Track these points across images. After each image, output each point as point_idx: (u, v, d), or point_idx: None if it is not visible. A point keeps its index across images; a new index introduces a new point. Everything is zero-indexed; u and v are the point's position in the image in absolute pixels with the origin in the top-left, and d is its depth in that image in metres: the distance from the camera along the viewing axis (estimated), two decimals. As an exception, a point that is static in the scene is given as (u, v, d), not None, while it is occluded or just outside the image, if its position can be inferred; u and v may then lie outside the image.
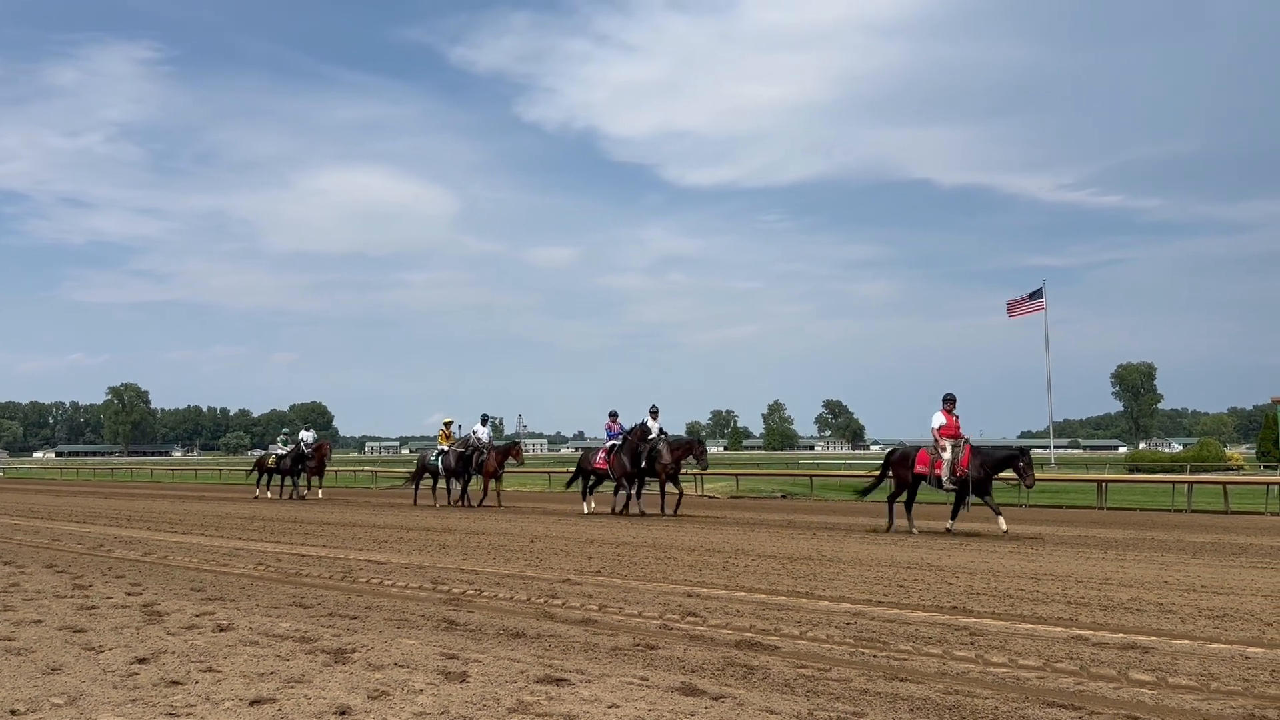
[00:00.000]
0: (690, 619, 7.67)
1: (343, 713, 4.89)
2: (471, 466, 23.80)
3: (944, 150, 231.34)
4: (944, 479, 15.58)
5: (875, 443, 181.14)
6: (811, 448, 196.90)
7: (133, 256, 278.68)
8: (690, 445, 20.22)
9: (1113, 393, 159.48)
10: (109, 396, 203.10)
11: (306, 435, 29.29)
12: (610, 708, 4.98)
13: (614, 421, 21.27)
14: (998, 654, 6.38)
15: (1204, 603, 8.42)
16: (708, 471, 23.52)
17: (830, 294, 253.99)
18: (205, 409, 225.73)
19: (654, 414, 20.53)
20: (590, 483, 21.70)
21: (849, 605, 8.36)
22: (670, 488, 20.13)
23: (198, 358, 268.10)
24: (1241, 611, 7.95)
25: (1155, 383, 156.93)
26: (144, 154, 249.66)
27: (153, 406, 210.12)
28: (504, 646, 6.60)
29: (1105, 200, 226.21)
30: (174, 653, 6.32)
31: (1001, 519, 15.12)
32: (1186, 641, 6.78)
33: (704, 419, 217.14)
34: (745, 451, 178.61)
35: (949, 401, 16.13)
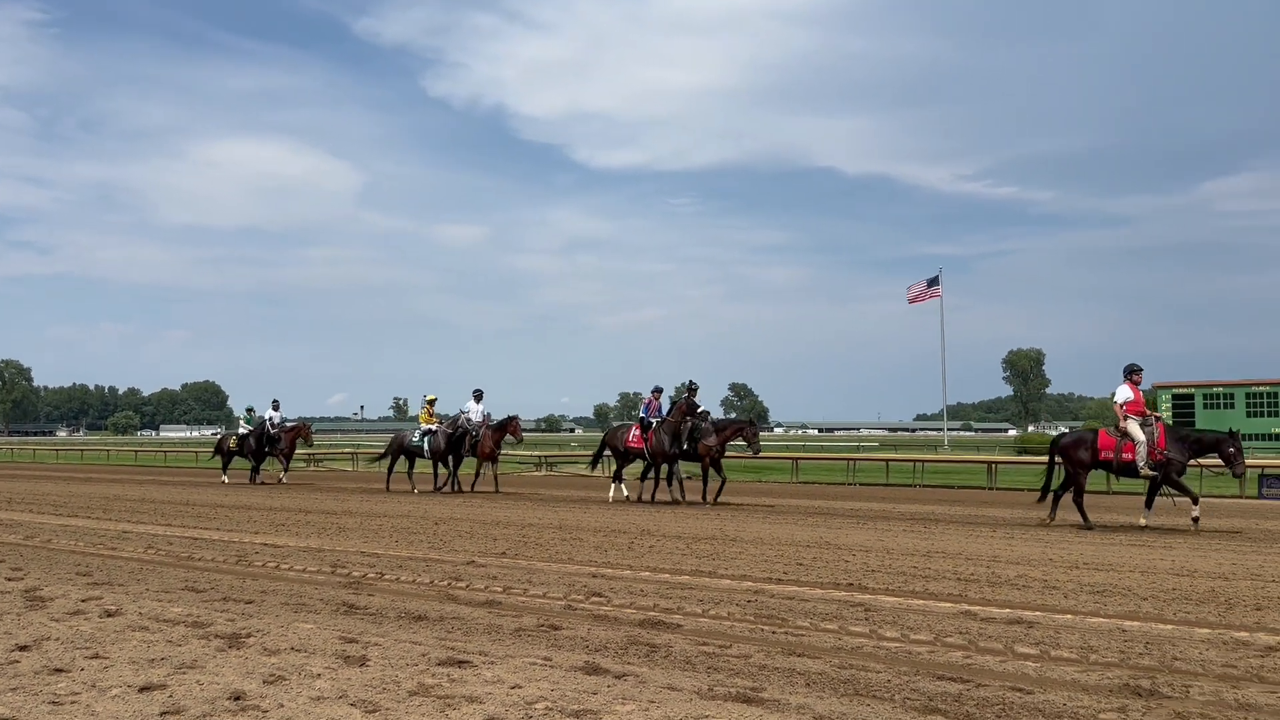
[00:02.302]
0: (595, 599, 7.71)
1: (237, 698, 4.79)
2: (464, 448, 21.61)
3: (848, 139, 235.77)
4: (1140, 464, 13.52)
5: (779, 425, 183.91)
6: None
7: (13, 227, 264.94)
8: (740, 426, 18.24)
9: (1004, 377, 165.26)
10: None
11: (273, 414, 26.14)
12: (513, 688, 4.98)
13: (657, 398, 19.03)
14: (891, 629, 6.57)
15: (1085, 579, 8.82)
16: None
17: (737, 278, 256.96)
18: (92, 387, 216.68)
19: (692, 390, 18.69)
20: (620, 464, 19.72)
21: (750, 583, 8.51)
22: (712, 474, 18.21)
23: (84, 334, 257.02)
24: (1120, 587, 8.35)
25: (1044, 368, 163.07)
26: (27, 120, 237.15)
27: (35, 384, 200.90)
28: (405, 630, 6.53)
29: (1000, 192, 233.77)
30: (58, 639, 6.09)
31: (1197, 507, 13.41)
32: (1068, 616, 7.09)
33: (613, 401, 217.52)
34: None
35: (1136, 373, 13.99)
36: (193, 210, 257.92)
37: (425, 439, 22.07)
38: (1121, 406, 13.76)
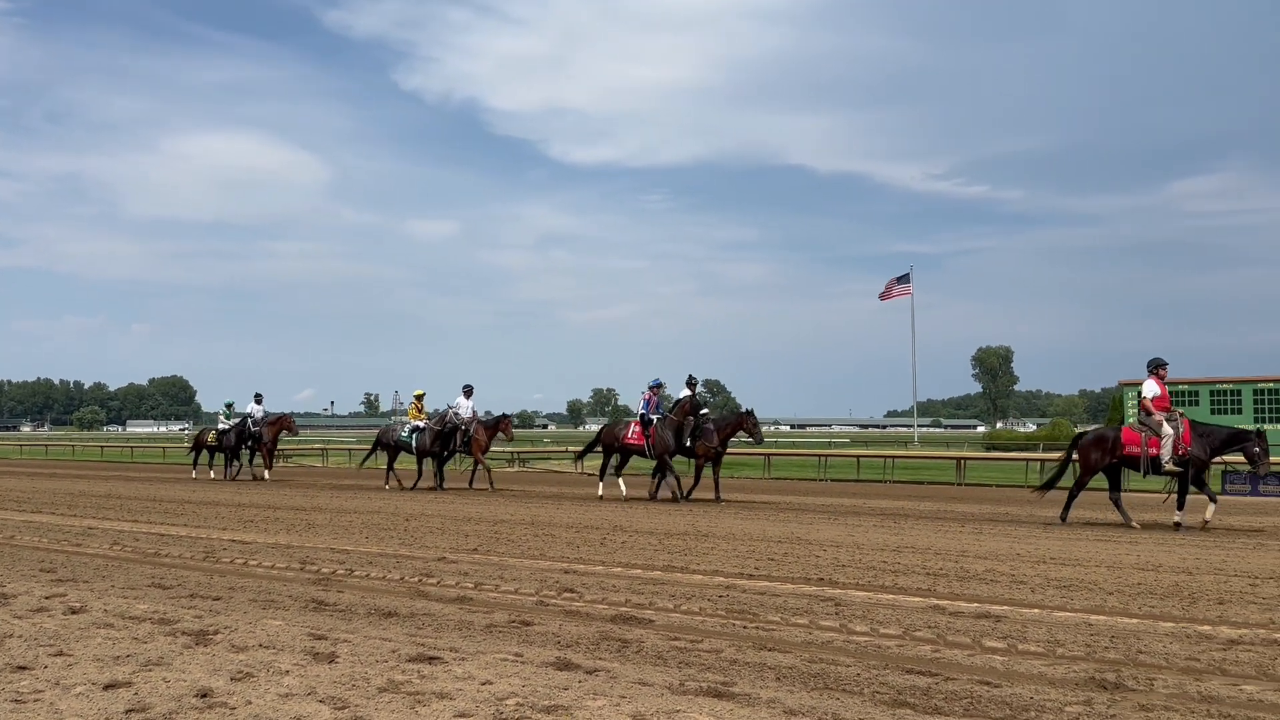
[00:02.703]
0: (567, 595, 7.70)
1: (204, 695, 4.74)
2: (454, 445, 21.14)
3: (820, 137, 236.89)
4: (1165, 460, 13.14)
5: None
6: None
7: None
8: (740, 420, 17.85)
9: (973, 374, 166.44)
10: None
11: (255, 408, 25.19)
12: (484, 684, 4.97)
13: (655, 393, 18.50)
14: (861, 623, 6.61)
15: (1052, 574, 8.91)
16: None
17: (709, 275, 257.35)
18: (57, 382, 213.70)
19: (691, 385, 18.09)
20: (617, 461, 19.03)
21: (722, 579, 8.54)
22: (708, 471, 17.86)
23: (49, 328, 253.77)
24: (1086, 582, 8.45)
25: (1012, 365, 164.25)
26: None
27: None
28: (375, 626, 6.50)
29: (970, 191, 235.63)
30: (20, 636, 6.00)
31: (1212, 507, 13.09)
32: (1036, 610, 7.16)
33: (585, 397, 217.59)
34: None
35: (1161, 367, 13.66)
36: (161, 203, 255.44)
37: (413, 435, 21.57)
38: (1149, 400, 13.44)
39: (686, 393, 17.97)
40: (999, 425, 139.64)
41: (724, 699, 4.76)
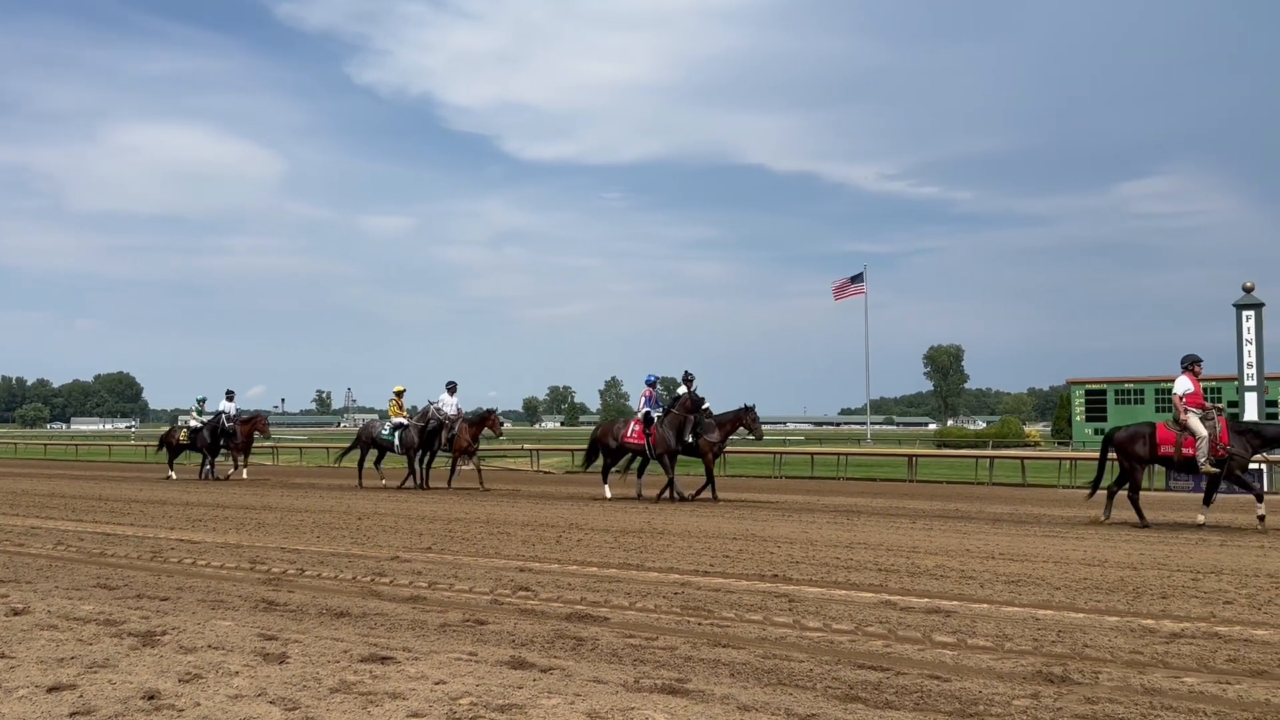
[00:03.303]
0: (522, 593, 7.68)
1: (151, 697, 4.66)
2: (438, 443, 20.49)
3: (776, 137, 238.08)
4: (1201, 460, 12.79)
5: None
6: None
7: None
8: (739, 416, 17.42)
9: (924, 373, 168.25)
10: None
11: (227, 406, 24.46)
12: (437, 684, 4.94)
13: (652, 390, 18.25)
14: (813, 619, 6.67)
15: (1001, 569, 9.05)
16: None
17: (666, 273, 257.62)
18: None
19: (688, 381, 17.72)
20: (612, 460, 18.64)
21: (677, 576, 8.56)
22: (707, 469, 17.64)
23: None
24: (1034, 577, 8.60)
25: (963, 364, 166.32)
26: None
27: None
28: (327, 626, 6.43)
29: (923, 191, 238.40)
30: (-41, 640, 5.86)
31: (1261, 505, 12.81)
32: (985, 605, 7.27)
33: (541, 394, 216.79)
34: (583, 427, 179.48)
35: (1195, 364, 13.25)
36: (108, 196, 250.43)
37: (396, 433, 20.98)
38: (1181, 399, 13.06)
39: (684, 389, 17.63)
40: (949, 423, 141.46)
41: (678, 695, 4.78)
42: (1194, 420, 12.85)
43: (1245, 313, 21.99)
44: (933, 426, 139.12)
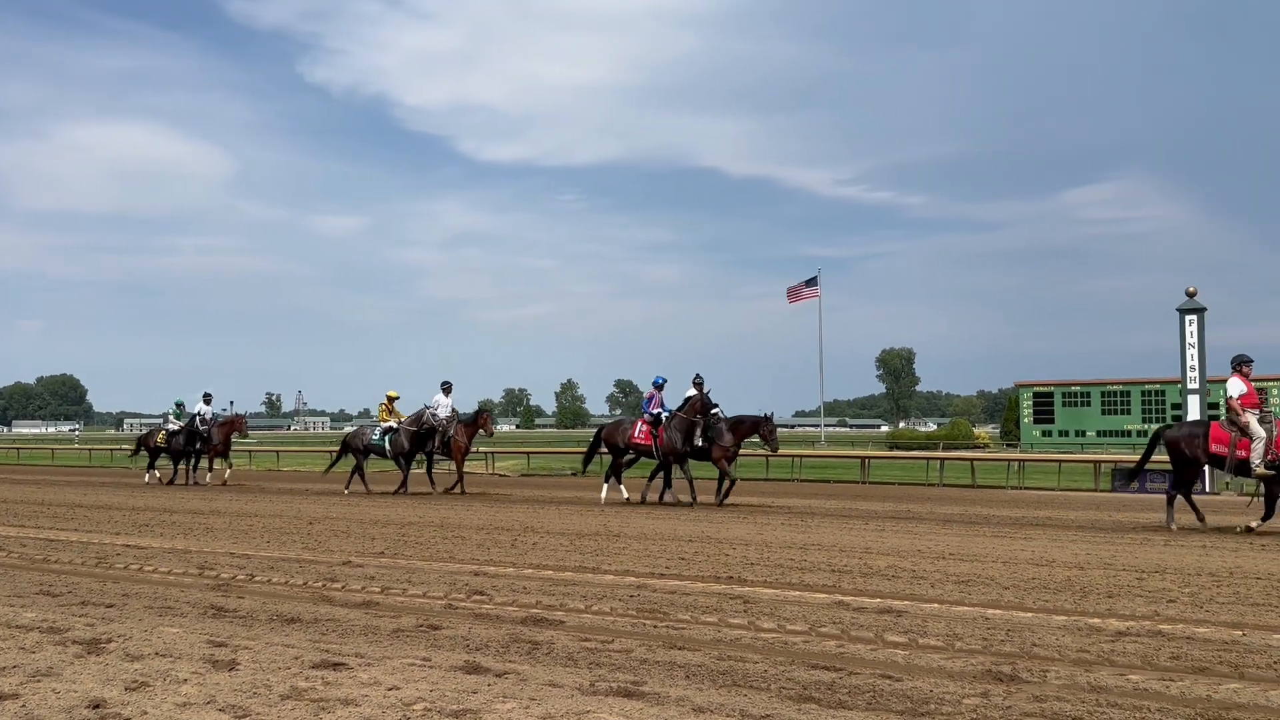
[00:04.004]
0: (476, 597, 7.64)
1: (97, 706, 4.57)
2: (433, 446, 19.87)
3: (733, 141, 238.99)
4: (1255, 464, 12.48)
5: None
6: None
7: None
8: (756, 424, 17.13)
9: (877, 375, 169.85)
10: None
11: (204, 408, 23.74)
12: (390, 690, 4.89)
13: (659, 391, 17.84)
14: (768, 620, 6.71)
15: (951, 569, 9.18)
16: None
17: (624, 275, 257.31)
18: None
19: (697, 385, 17.35)
20: (619, 462, 18.23)
21: (633, 579, 8.57)
22: (721, 472, 17.24)
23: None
24: (983, 577, 8.72)
25: (914, 367, 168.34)
26: None
27: None
28: (277, 632, 6.35)
29: (876, 196, 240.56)
30: (-105, 650, 5.69)
31: None
32: (935, 605, 7.37)
33: (497, 397, 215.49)
34: (538, 430, 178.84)
35: (1246, 364, 13.03)
36: (54, 194, 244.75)
37: (386, 437, 20.36)
38: (1237, 400, 12.78)
39: (693, 392, 17.30)
40: (901, 425, 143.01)
41: (634, 698, 4.78)
42: (1252, 422, 12.58)
43: (1188, 317, 22.52)
44: (885, 428, 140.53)
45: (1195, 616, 6.94)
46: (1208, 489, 20.52)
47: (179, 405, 24.93)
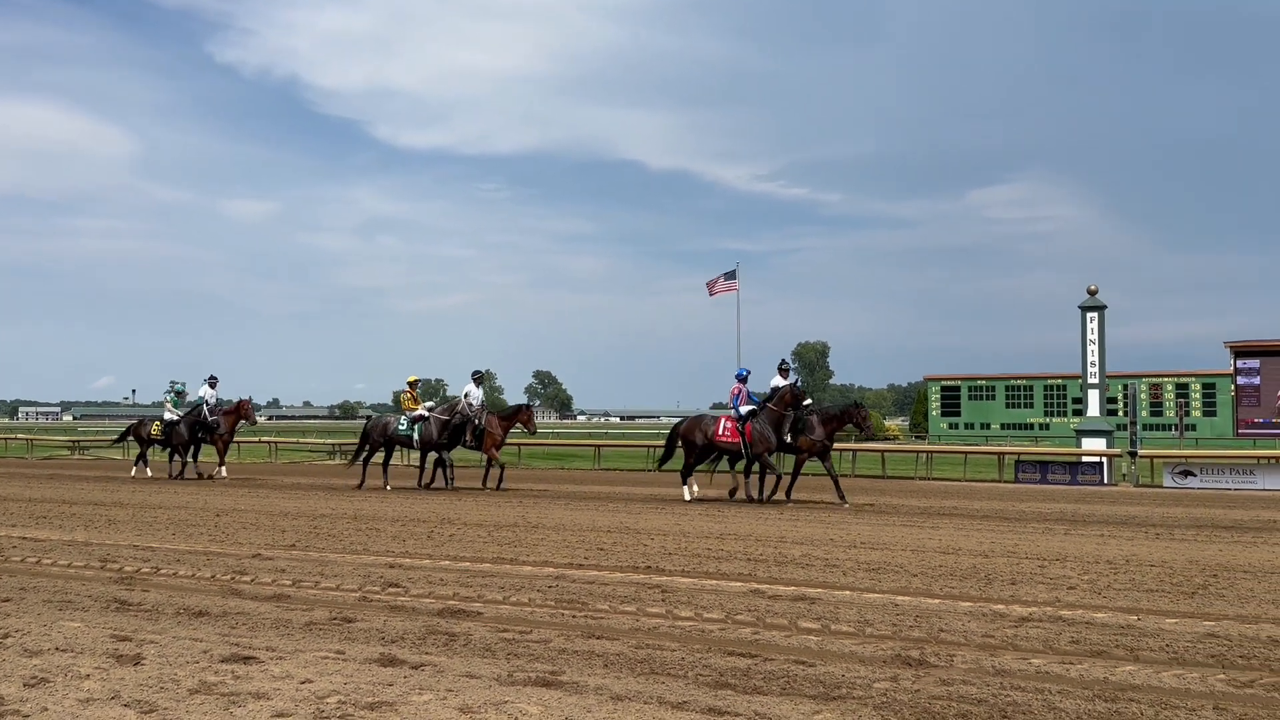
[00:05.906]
0: (392, 590, 7.55)
1: (-8, 705, 4.40)
2: (465, 438, 18.77)
3: (653, 134, 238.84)
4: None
5: (582, 413, 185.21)
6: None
7: None
8: (846, 412, 16.13)
9: (792, 368, 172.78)
10: None
11: (207, 393, 21.79)
12: (304, 683, 4.81)
13: (744, 383, 16.74)
14: (686, 609, 6.78)
15: (863, 557, 9.38)
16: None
17: (542, 266, 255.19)
18: None
19: (783, 372, 16.54)
20: (696, 459, 16.93)
21: (551, 569, 8.56)
22: (816, 467, 16.46)
23: None
24: (893, 565, 8.94)
25: (829, 360, 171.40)
26: None
27: None
28: (184, 626, 6.18)
29: (792, 192, 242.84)
30: None
31: None
32: (848, 592, 7.53)
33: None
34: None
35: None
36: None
37: (415, 427, 18.95)
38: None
39: (781, 380, 16.42)
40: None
41: (552, 688, 4.79)
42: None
43: (1089, 314, 23.34)
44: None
45: (1094, 602, 7.22)
46: (1105, 480, 21.34)
47: (178, 393, 22.62)
